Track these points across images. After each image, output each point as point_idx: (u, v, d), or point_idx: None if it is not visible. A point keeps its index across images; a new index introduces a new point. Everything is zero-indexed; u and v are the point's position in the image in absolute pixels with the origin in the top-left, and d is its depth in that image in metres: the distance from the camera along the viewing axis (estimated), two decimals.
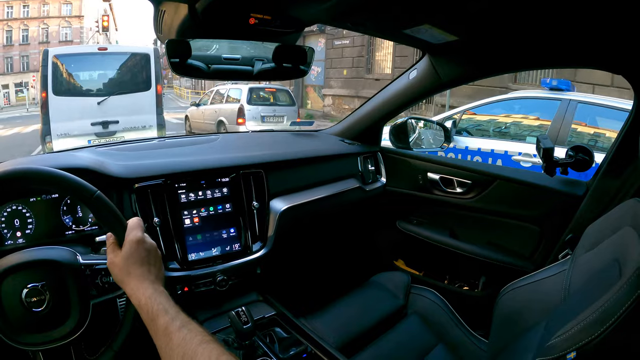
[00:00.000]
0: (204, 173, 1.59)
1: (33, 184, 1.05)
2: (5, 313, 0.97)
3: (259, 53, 1.33)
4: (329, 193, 1.91)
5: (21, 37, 39.63)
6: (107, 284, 1.08)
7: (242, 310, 1.30)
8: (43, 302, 0.99)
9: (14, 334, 0.98)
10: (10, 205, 1.32)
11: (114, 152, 1.66)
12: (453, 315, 1.80)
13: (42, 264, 1.02)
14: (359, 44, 15.53)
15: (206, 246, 1.56)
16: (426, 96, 1.96)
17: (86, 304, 1.04)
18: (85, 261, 1.08)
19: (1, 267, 0.99)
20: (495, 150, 4.87)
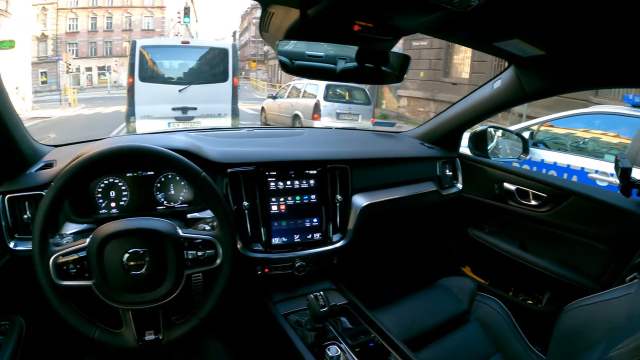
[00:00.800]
0: (294, 164, 1.69)
1: (146, 160, 1.20)
2: (105, 273, 1.09)
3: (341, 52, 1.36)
4: (407, 194, 1.96)
5: (105, 24, 41.97)
6: (202, 257, 1.19)
7: (320, 294, 1.38)
8: (142, 267, 1.10)
9: (111, 292, 1.10)
10: (108, 178, 1.45)
11: (207, 137, 1.78)
12: (514, 327, 1.80)
13: (146, 232, 1.13)
14: (437, 46, 15.04)
15: (289, 232, 1.66)
16: (509, 107, 1.96)
17: (180, 273, 1.16)
18: (185, 234, 1.19)
19: (106, 232, 1.10)
20: (571, 165, 4.69)
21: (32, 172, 1.44)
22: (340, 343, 1.41)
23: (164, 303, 1.16)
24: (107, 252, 1.09)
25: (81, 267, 1.09)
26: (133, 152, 1.15)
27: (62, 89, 26.42)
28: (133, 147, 1.15)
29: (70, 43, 40.86)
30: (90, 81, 41.49)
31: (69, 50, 37.93)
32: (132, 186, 1.49)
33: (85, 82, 40.53)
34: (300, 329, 1.47)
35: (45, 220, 1.07)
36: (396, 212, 2.00)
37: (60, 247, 1.11)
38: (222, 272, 1.22)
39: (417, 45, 15.90)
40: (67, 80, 30.56)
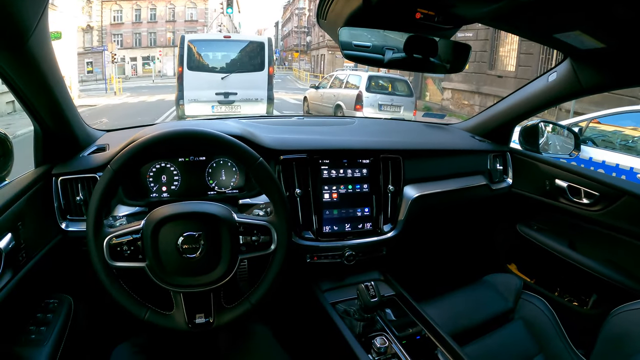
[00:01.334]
0: (347, 153, 1.69)
1: (203, 144, 1.21)
2: (159, 255, 1.11)
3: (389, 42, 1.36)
4: (458, 187, 1.94)
5: (149, 16, 43.12)
6: (257, 242, 1.20)
7: (371, 284, 1.39)
8: (196, 250, 1.13)
9: (164, 274, 1.13)
10: (160, 162, 1.49)
11: (259, 124, 1.80)
12: (559, 328, 1.77)
13: (202, 216, 1.15)
14: (482, 37, 14.74)
15: (341, 221, 1.66)
16: (563, 101, 1.90)
17: (235, 257, 1.18)
18: (241, 219, 1.20)
19: (162, 215, 1.12)
20: (620, 165, 4.56)
21: (85, 155, 1.50)
22: (388, 334, 1.41)
23: (217, 287, 1.18)
24: (162, 234, 1.12)
25: (135, 248, 1.12)
26: (191, 135, 1.17)
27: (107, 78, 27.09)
28: (192, 130, 1.17)
29: (115, 34, 42.06)
30: (135, 71, 42.73)
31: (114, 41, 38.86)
32: (184, 171, 1.52)
33: (130, 71, 41.83)
34: (348, 319, 1.48)
35: (101, 202, 1.10)
36: (446, 205, 1.99)
37: (115, 229, 1.13)
38: (276, 258, 1.23)
39: (462, 36, 15.35)
40: (113, 69, 31.49)
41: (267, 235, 1.22)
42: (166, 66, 42.20)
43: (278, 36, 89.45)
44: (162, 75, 40.40)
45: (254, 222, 1.22)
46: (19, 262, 1.16)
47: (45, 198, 1.37)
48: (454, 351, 1.36)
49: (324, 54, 44.54)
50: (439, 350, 1.38)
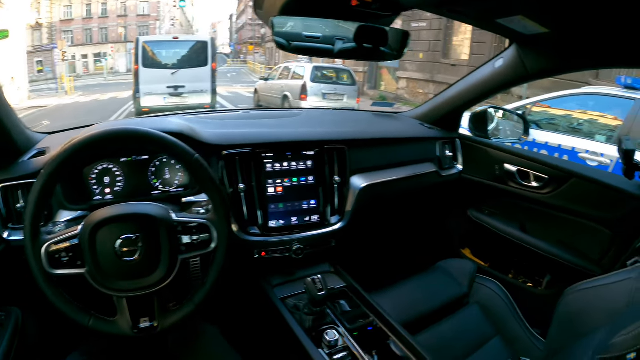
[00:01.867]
0: (291, 145, 1.65)
1: (140, 143, 1.15)
2: (98, 260, 1.06)
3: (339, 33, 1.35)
4: (406, 175, 1.93)
5: (100, 11, 41.74)
6: (197, 242, 1.16)
7: (318, 278, 1.36)
8: (135, 253, 1.08)
9: (104, 279, 1.07)
10: (102, 163, 1.42)
11: (203, 120, 1.75)
12: (514, 309, 1.80)
13: (139, 218, 1.10)
14: (436, 27, 15.04)
15: (286, 215, 1.63)
16: (510, 86, 1.92)
17: (174, 258, 1.13)
18: (179, 218, 1.16)
19: (98, 218, 1.07)
20: (562, 145, 4.83)
21: (25, 160, 1.41)
22: (339, 327, 1.39)
23: (159, 289, 1.13)
24: (100, 238, 1.07)
25: (74, 255, 1.07)
26: (123, 135, 1.11)
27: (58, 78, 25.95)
28: (123, 129, 1.11)
29: (66, 31, 40.43)
30: (87, 68, 41.18)
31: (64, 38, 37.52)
32: (127, 171, 1.46)
33: (81, 69, 40.24)
34: (298, 313, 1.45)
35: (36, 208, 1.04)
36: (395, 193, 1.98)
37: (52, 236, 1.08)
38: (217, 256, 1.20)
39: (416, 26, 15.82)
40: (63, 68, 30.21)
41: (206, 234, 1.18)
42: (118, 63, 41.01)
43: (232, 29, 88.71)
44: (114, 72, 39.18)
45: (193, 220, 1.18)
46: None
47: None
48: (406, 340, 1.35)
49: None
50: (391, 341, 1.37)
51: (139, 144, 1.16)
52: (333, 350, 1.30)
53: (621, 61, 1.63)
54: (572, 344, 1.14)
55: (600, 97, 5.14)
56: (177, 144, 1.14)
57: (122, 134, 1.11)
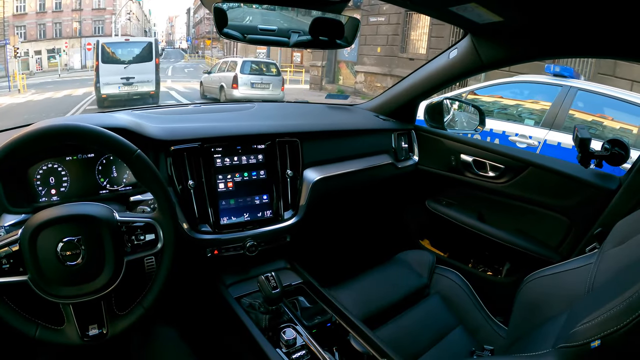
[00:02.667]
0: (241, 139, 1.60)
1: (76, 140, 1.07)
2: (40, 266, 1.00)
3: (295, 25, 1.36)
4: (362, 167, 1.91)
5: (54, 5, 39.74)
6: (142, 242, 1.11)
7: (272, 275, 1.33)
8: (78, 256, 1.02)
9: (48, 286, 1.01)
10: (46, 163, 1.34)
11: (151, 115, 1.68)
12: (475, 298, 1.80)
13: (79, 219, 1.04)
14: (394, 21, 15.25)
15: (238, 211, 1.58)
16: (465, 77, 1.92)
17: (120, 260, 1.07)
18: (122, 218, 1.10)
19: (38, 221, 1.01)
20: (494, 129, 5.16)
21: None
22: (296, 325, 1.36)
23: (105, 294, 1.08)
24: (40, 242, 1.01)
25: (15, 261, 1.00)
26: (61, 131, 1.04)
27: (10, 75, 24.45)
28: (60, 126, 1.04)
29: (18, 26, 38.02)
30: (40, 65, 38.85)
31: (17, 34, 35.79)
32: (73, 170, 1.38)
33: (34, 66, 37.86)
34: (254, 313, 1.41)
35: None
36: (350, 186, 1.95)
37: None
38: (165, 256, 1.14)
39: (374, 21, 16.01)
40: (16, 65, 28.78)
41: (152, 234, 1.13)
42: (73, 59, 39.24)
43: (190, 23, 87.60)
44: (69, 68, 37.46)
45: (137, 219, 1.12)
46: None
47: None
48: (365, 335, 1.33)
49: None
50: (351, 336, 1.34)
51: (78, 141, 1.08)
52: (291, 350, 1.26)
53: (573, 51, 1.65)
54: (534, 331, 1.16)
55: (530, 85, 5.64)
56: (116, 140, 1.08)
57: (60, 130, 1.04)
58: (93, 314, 1.09)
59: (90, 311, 1.09)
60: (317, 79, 19.74)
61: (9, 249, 1.00)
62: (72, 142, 1.09)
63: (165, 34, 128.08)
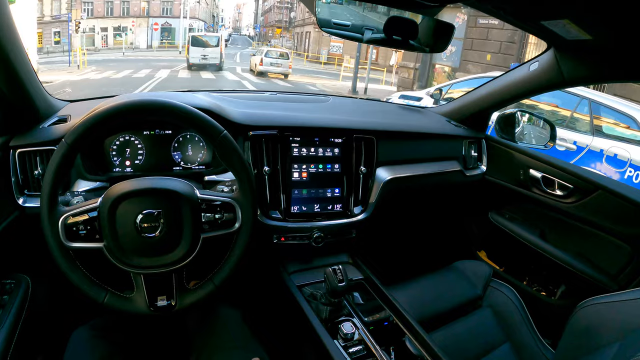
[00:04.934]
0: (319, 131, 1.62)
1: (167, 115, 1.10)
2: (117, 235, 1.03)
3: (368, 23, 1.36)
4: (431, 171, 1.90)
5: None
6: (220, 221, 1.13)
7: (339, 268, 1.34)
8: (156, 229, 1.05)
9: (122, 255, 1.05)
10: (124, 135, 1.40)
11: (229, 98, 1.72)
12: (526, 317, 1.77)
13: (162, 193, 1.07)
14: (510, 26, 13.85)
15: (310, 202, 1.60)
16: (544, 91, 1.87)
17: (197, 236, 1.10)
18: (203, 195, 1.12)
19: (119, 191, 1.03)
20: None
21: (45, 126, 1.39)
22: (355, 320, 1.38)
23: (178, 268, 1.11)
24: (120, 212, 1.03)
25: (92, 228, 1.04)
26: (151, 106, 1.07)
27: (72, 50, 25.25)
28: (151, 101, 1.08)
29: (85, 2, 39.19)
30: (105, 42, 40.10)
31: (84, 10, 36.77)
32: (149, 145, 1.45)
33: (100, 42, 39.30)
34: (314, 303, 1.43)
35: (55, 178, 1.01)
36: (418, 189, 1.94)
37: (71, 207, 1.05)
38: (240, 237, 1.17)
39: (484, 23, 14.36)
40: (80, 40, 29.76)
41: (231, 213, 1.15)
42: (139, 38, 40.28)
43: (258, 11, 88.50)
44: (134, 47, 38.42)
45: (217, 198, 1.14)
46: None
47: (1, 172, 1.27)
48: (422, 338, 1.34)
49: (309, 32, 43.30)
50: (406, 338, 1.35)
51: (167, 117, 1.11)
52: (349, 344, 1.28)
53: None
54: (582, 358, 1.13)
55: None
56: (205, 119, 1.11)
57: (151, 105, 1.07)
58: (163, 285, 1.13)
59: (160, 283, 1.12)
60: (407, 81, 18.01)
61: (87, 215, 1.03)
62: (162, 118, 1.12)
63: (232, 21, 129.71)
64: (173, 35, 45.47)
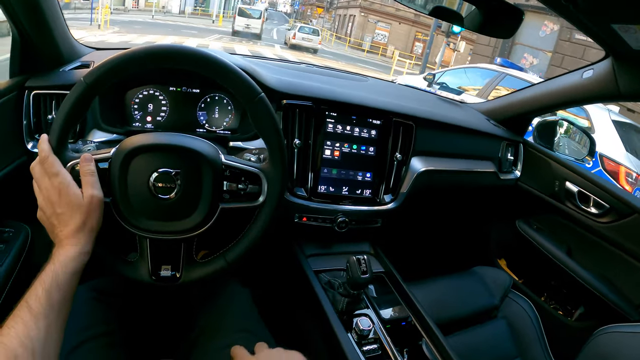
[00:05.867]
0: (358, 108, 1.52)
1: (199, 66, 0.96)
2: (127, 191, 0.92)
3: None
4: (465, 168, 1.82)
5: None
6: (243, 192, 1.01)
7: (364, 259, 1.25)
8: (171, 191, 0.93)
9: (130, 214, 0.94)
10: (147, 89, 1.32)
11: (265, 64, 1.64)
12: (541, 334, 1.72)
13: (183, 151, 0.95)
14: None
15: (338, 183, 1.51)
16: (594, 102, 1.77)
17: (215, 206, 0.98)
18: (228, 161, 1.00)
19: (135, 143, 0.92)
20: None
21: (66, 70, 1.32)
22: (369, 312, 1.31)
23: (189, 237, 0.99)
24: (133, 167, 0.92)
25: (101, 180, 0.91)
26: (187, 54, 0.93)
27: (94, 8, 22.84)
28: (188, 49, 0.94)
29: None
30: (137, 3, 37.98)
31: None
32: (173, 102, 1.36)
33: (131, 3, 37.24)
34: (331, 292, 1.35)
35: (67, 118, 0.89)
36: (450, 185, 1.86)
37: (79, 155, 0.93)
38: (263, 213, 1.04)
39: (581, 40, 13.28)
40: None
41: (256, 185, 1.03)
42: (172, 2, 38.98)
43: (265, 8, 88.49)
44: (165, 11, 37.32)
45: (244, 167, 1.02)
46: None
47: (13, 113, 1.20)
48: (439, 342, 1.26)
49: (353, 15, 41.14)
50: (423, 342, 1.28)
51: (203, 69, 0.96)
52: (364, 341, 1.20)
53: None
54: None
55: (482, 70, 8.18)
56: (244, 77, 0.97)
57: (187, 53, 0.93)
58: (169, 254, 1.01)
59: (167, 251, 1.01)
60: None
61: (97, 165, 0.92)
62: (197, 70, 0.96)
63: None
64: (208, 2, 44.42)
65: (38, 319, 0.70)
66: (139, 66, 0.91)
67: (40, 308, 0.71)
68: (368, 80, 1.93)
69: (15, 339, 0.66)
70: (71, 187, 0.84)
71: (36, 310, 0.71)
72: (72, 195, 0.84)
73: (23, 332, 0.67)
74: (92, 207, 0.86)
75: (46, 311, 0.72)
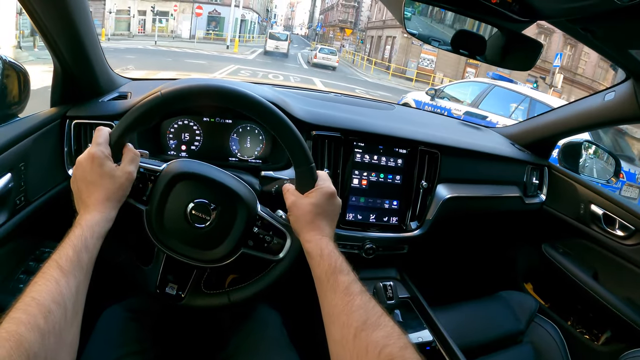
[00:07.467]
0: (385, 139, 1.56)
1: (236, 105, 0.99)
2: (163, 207, 0.96)
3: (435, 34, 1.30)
4: (490, 194, 1.84)
5: None
6: (267, 244, 1.03)
7: (390, 285, 1.29)
8: (204, 222, 0.96)
9: (160, 229, 0.97)
10: (182, 119, 1.37)
11: (292, 94, 1.68)
12: (567, 359, 1.69)
13: (226, 191, 0.99)
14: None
15: (366, 211, 1.54)
16: (617, 124, 1.78)
17: (237, 248, 1.01)
18: (262, 213, 1.03)
19: (188, 169, 0.97)
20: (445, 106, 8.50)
21: (105, 100, 1.38)
22: None
23: (203, 267, 1.03)
24: (178, 188, 0.97)
25: (143, 187, 0.97)
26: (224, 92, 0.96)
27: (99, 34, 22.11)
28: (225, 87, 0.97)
29: None
30: (143, 27, 36.24)
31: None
32: (207, 132, 1.41)
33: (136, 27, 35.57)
34: None
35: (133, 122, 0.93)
36: (475, 211, 1.87)
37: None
38: (277, 268, 1.06)
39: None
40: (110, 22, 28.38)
41: (281, 240, 1.05)
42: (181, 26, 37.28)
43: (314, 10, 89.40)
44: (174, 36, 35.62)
45: (274, 222, 1.04)
46: (16, 205, 1.06)
47: (56, 141, 1.26)
48: None
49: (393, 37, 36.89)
50: None
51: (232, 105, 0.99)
52: None
53: None
54: None
55: (477, 83, 9.35)
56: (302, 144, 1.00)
57: (225, 91, 0.97)
58: (180, 275, 1.05)
59: (179, 271, 1.04)
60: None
61: (146, 173, 0.97)
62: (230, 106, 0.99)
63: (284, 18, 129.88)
64: (221, 25, 41.35)
65: (69, 277, 0.74)
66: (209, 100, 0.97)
67: (70, 267, 0.75)
68: (394, 108, 1.97)
69: (48, 294, 0.69)
70: (106, 160, 0.89)
71: (67, 269, 0.75)
72: (106, 166, 0.88)
73: (56, 289, 0.70)
74: (126, 182, 0.91)
75: (76, 271, 0.76)
